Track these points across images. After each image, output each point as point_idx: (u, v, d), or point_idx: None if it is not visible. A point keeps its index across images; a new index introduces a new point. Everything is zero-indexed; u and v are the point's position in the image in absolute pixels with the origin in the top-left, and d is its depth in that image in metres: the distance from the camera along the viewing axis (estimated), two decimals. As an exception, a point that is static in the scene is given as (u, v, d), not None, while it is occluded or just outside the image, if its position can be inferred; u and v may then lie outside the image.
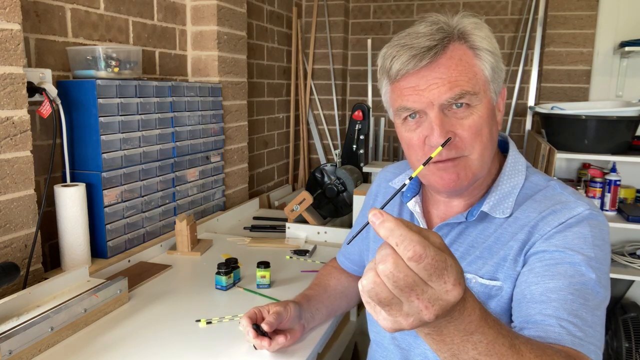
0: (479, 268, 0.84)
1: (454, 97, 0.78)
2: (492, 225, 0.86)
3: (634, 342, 2.20)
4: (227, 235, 1.84)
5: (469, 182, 0.84)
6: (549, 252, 0.77)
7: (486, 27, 0.84)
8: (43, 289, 1.13)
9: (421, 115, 0.82)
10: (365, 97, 3.34)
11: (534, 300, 0.73)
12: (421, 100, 0.80)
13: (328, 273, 1.23)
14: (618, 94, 2.84)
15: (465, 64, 0.79)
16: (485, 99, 0.81)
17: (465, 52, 0.80)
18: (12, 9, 1.17)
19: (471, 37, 0.81)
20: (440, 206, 0.95)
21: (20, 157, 1.22)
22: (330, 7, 3.21)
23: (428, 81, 0.79)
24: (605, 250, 0.78)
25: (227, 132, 2.10)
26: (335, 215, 2.14)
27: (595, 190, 2.31)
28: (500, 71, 0.84)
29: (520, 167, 0.89)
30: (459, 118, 0.80)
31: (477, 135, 0.80)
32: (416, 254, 0.45)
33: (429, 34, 0.79)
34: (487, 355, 0.54)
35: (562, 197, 0.83)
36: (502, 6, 3.00)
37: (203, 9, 1.98)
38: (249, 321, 0.99)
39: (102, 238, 1.45)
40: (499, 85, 0.85)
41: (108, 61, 1.44)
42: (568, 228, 0.78)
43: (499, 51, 0.85)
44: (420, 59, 0.78)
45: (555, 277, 0.73)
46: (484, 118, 0.81)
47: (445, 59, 0.79)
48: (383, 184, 1.12)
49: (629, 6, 2.77)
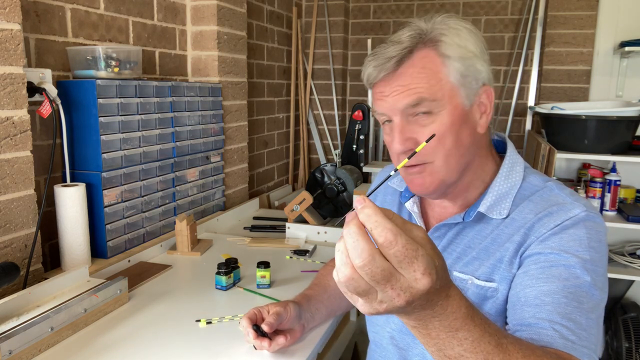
0: (476, 269, 0.85)
1: (411, 103, 0.80)
2: (489, 226, 0.86)
3: (634, 342, 2.20)
4: (227, 235, 1.84)
5: (436, 187, 0.85)
6: (544, 255, 0.77)
7: (466, 30, 0.83)
8: (43, 289, 1.13)
9: (390, 120, 0.85)
10: (365, 97, 3.34)
11: (528, 303, 0.73)
12: (385, 106, 0.84)
13: (328, 273, 1.23)
14: (618, 94, 2.84)
15: (429, 70, 0.81)
16: (450, 105, 0.81)
17: (433, 58, 0.81)
18: (12, 9, 1.17)
19: (440, 44, 0.81)
20: (435, 207, 0.96)
21: (20, 157, 1.22)
22: (330, 7, 3.21)
23: (392, 88, 0.82)
24: (601, 252, 0.77)
25: (227, 132, 2.10)
26: (335, 215, 2.14)
27: (595, 190, 2.31)
28: (475, 73, 0.83)
29: (518, 167, 0.89)
30: (420, 125, 0.82)
31: (439, 143, 0.82)
32: (387, 240, 0.47)
33: (399, 41, 0.82)
34: (473, 353, 0.55)
35: (559, 198, 0.83)
36: (502, 6, 3.00)
37: (203, 9, 1.98)
38: (249, 322, 0.99)
39: (102, 238, 1.45)
40: (473, 89, 0.84)
41: (108, 61, 1.44)
42: (564, 230, 0.78)
43: (482, 51, 0.84)
44: (381, 69, 0.82)
45: (549, 280, 0.74)
46: (446, 125, 0.81)
47: (407, 67, 0.81)
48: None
49: (629, 6, 2.77)
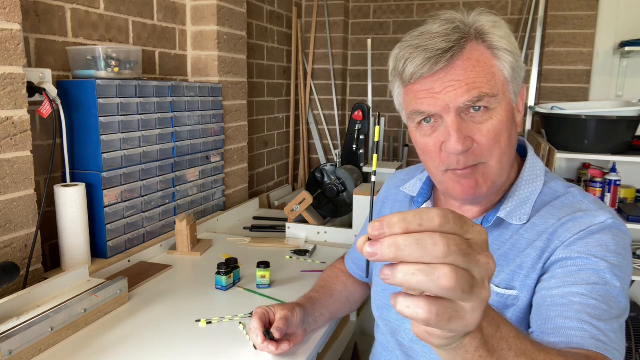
0: (495, 276, 0.81)
1: (472, 100, 0.74)
2: (507, 231, 0.83)
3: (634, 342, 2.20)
4: (227, 235, 1.84)
5: (488, 189, 0.80)
6: (571, 259, 0.73)
7: (505, 25, 0.80)
8: (43, 289, 1.13)
9: (436, 119, 0.78)
10: (365, 97, 3.34)
11: (554, 303, 0.70)
12: (437, 103, 0.76)
13: (335, 276, 1.21)
14: (618, 94, 2.84)
15: (484, 64, 0.75)
16: (504, 101, 0.77)
17: (484, 52, 0.76)
18: (12, 9, 1.17)
19: (489, 37, 0.77)
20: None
21: (20, 157, 1.22)
22: (330, 7, 3.21)
23: (444, 84, 0.75)
24: (627, 259, 0.74)
25: (227, 132, 2.10)
26: (335, 215, 2.14)
27: (595, 190, 2.31)
28: (520, 70, 0.80)
29: (539, 172, 0.86)
30: (477, 123, 0.76)
31: (496, 141, 0.76)
32: (439, 219, 0.39)
33: (444, 34, 0.75)
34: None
35: (583, 205, 0.80)
36: (502, 6, 3.00)
37: (203, 9, 1.98)
38: (260, 324, 0.97)
39: (102, 238, 1.45)
40: (518, 85, 0.81)
41: (108, 61, 1.44)
42: (590, 235, 0.74)
43: (519, 50, 0.81)
44: (435, 61, 0.74)
45: (577, 283, 0.70)
46: (503, 122, 0.76)
47: (461, 60, 0.75)
48: (392, 190, 1.08)
49: (629, 6, 2.77)
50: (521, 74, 0.80)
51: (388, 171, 2.14)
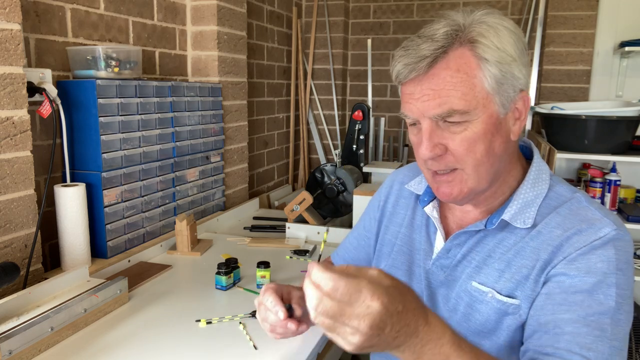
0: (496, 281, 0.82)
1: (442, 114, 0.76)
2: (512, 236, 0.82)
3: (634, 342, 2.20)
4: (227, 235, 1.84)
5: (465, 195, 0.81)
6: (569, 278, 0.74)
7: (507, 30, 0.78)
8: (43, 289, 1.13)
9: (418, 122, 0.80)
10: (365, 97, 3.34)
11: (547, 331, 0.72)
12: (413, 109, 0.78)
13: None
14: (618, 94, 2.84)
15: (464, 74, 0.74)
16: (484, 113, 0.76)
17: (468, 60, 0.75)
18: (12, 9, 1.17)
19: (477, 45, 0.75)
20: (456, 212, 0.92)
21: (20, 157, 1.22)
22: (330, 7, 3.21)
23: (422, 90, 0.76)
24: (628, 273, 0.75)
25: (227, 132, 2.10)
26: (335, 215, 2.14)
27: (595, 190, 2.31)
28: (513, 80, 0.77)
29: (544, 175, 0.85)
30: (451, 132, 0.77)
31: (469, 152, 0.77)
32: (330, 287, 0.56)
33: (432, 39, 0.76)
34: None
35: (589, 212, 0.79)
36: (502, 6, 3.00)
37: (203, 9, 1.98)
38: (278, 298, 0.84)
39: (102, 238, 1.45)
40: (508, 95, 0.78)
41: (108, 61, 1.44)
42: (592, 250, 0.75)
43: (521, 53, 0.78)
44: (413, 68, 0.76)
45: (571, 309, 0.72)
46: (479, 134, 0.76)
47: (440, 68, 0.75)
48: (396, 186, 1.06)
49: (629, 6, 2.77)
50: (515, 82, 0.78)
51: (388, 171, 2.14)
